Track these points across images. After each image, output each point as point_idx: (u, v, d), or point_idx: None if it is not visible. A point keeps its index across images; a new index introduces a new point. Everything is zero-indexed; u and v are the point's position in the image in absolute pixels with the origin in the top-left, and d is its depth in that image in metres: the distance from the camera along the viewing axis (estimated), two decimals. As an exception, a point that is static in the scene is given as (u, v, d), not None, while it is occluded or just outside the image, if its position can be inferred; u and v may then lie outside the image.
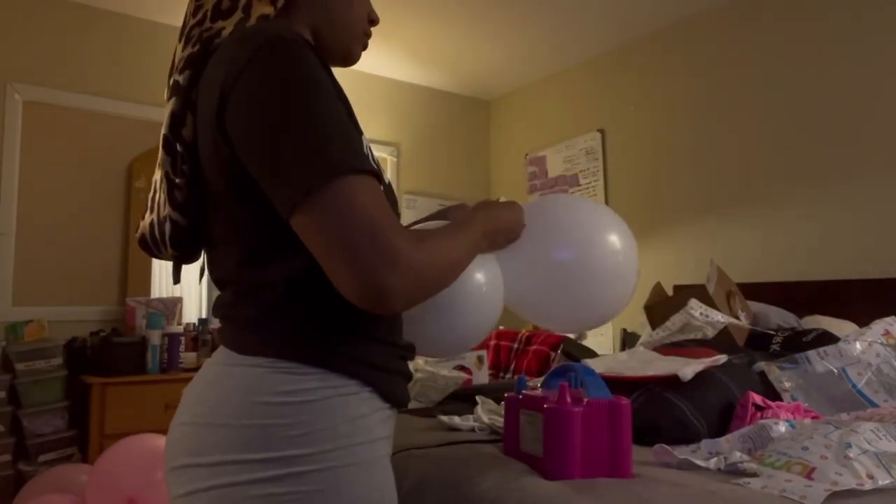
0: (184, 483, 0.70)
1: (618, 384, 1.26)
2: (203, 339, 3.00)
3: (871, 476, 0.89)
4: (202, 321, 3.11)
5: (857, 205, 2.58)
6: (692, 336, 1.91)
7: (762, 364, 1.51)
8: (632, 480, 0.94)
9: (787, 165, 2.82)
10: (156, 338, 2.80)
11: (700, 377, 1.27)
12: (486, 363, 2.14)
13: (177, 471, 0.71)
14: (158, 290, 3.20)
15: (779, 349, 1.83)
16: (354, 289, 0.63)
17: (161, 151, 0.76)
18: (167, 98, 0.78)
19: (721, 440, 1.11)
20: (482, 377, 2.09)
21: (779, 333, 1.93)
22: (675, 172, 3.28)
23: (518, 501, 0.89)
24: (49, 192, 2.98)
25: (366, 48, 0.92)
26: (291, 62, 0.68)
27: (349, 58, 0.90)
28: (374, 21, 0.92)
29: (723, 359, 1.33)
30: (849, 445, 0.94)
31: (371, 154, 0.77)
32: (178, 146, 0.75)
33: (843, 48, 2.66)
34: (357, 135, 0.70)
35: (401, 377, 0.81)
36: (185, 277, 3.43)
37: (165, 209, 0.78)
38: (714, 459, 1.02)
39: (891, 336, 1.50)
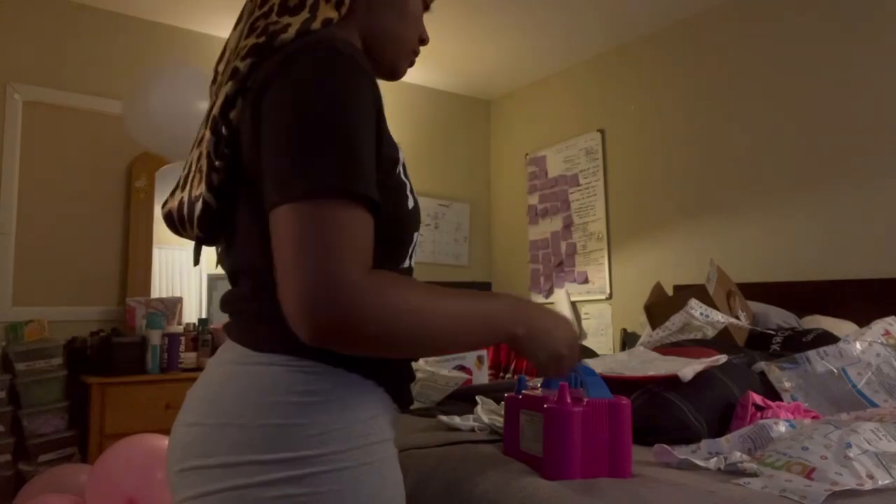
0: (193, 485, 0.68)
1: (618, 384, 1.26)
2: (203, 340, 3.00)
3: (871, 476, 0.89)
4: (202, 321, 3.11)
5: (857, 205, 2.58)
6: (692, 336, 1.91)
7: (762, 364, 1.51)
8: (632, 480, 0.94)
9: (787, 165, 2.82)
10: (156, 338, 2.80)
11: (700, 377, 1.27)
12: (487, 363, 2.14)
13: (184, 473, 0.70)
14: (158, 291, 3.21)
15: (779, 349, 1.83)
16: (288, 308, 0.63)
17: (207, 132, 0.76)
18: (222, 83, 0.78)
19: (721, 440, 1.10)
20: (482, 377, 2.08)
21: (779, 333, 1.93)
22: (675, 172, 3.28)
23: (518, 501, 0.89)
24: (49, 192, 2.98)
25: (412, 66, 0.94)
26: (337, 73, 0.68)
27: (395, 72, 0.92)
28: (425, 41, 0.94)
29: (723, 359, 1.33)
30: (849, 445, 0.94)
31: (403, 169, 0.77)
32: (224, 129, 0.75)
33: (844, 48, 2.66)
34: (370, 160, 0.69)
35: (407, 378, 0.81)
36: (185, 278, 3.44)
37: (199, 189, 0.77)
38: (714, 459, 1.02)
39: (891, 336, 1.49)
